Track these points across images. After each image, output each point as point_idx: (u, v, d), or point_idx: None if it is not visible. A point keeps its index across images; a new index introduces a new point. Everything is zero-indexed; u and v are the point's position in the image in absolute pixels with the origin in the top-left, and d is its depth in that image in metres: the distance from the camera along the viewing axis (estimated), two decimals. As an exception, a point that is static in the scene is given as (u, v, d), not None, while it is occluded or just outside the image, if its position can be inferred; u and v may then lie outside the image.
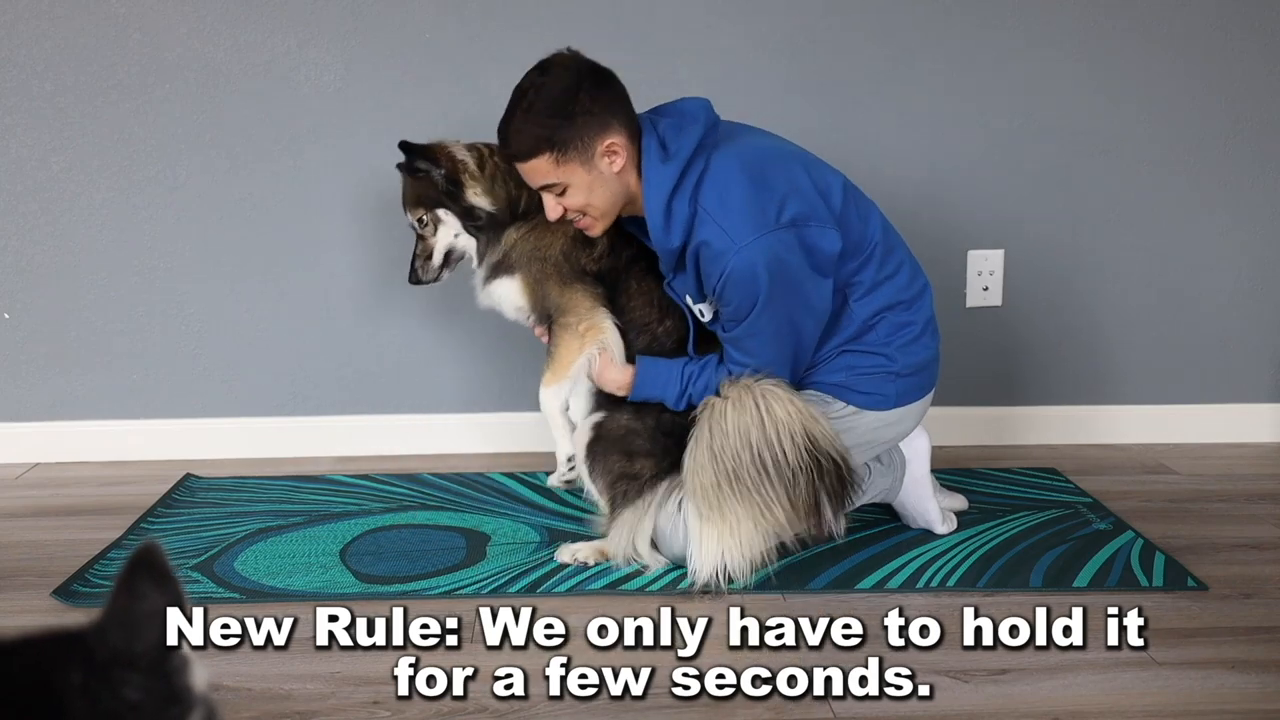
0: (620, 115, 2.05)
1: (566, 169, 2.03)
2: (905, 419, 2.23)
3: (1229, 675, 1.76)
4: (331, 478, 2.73)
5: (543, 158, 2.02)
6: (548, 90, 2.01)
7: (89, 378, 2.88)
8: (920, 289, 2.21)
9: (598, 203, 2.08)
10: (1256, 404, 3.01)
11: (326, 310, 2.87)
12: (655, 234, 2.06)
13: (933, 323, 2.24)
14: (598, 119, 2.01)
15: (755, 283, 1.98)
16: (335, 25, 2.74)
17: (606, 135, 2.02)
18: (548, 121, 1.99)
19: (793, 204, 2.01)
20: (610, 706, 1.67)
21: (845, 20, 2.79)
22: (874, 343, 2.16)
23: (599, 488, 2.22)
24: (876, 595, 2.06)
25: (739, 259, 1.97)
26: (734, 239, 1.97)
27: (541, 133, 2.00)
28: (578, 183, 2.04)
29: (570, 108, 1.99)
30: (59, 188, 2.79)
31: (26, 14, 2.70)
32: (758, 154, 2.07)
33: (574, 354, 2.23)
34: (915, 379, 2.20)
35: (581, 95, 2.00)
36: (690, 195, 2.02)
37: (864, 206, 2.16)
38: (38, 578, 2.14)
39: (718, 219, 1.99)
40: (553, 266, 2.24)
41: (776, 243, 1.98)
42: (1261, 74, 2.85)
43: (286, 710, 1.67)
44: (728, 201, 2.00)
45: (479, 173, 2.23)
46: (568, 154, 2.01)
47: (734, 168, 2.02)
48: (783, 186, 2.02)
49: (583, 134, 2.01)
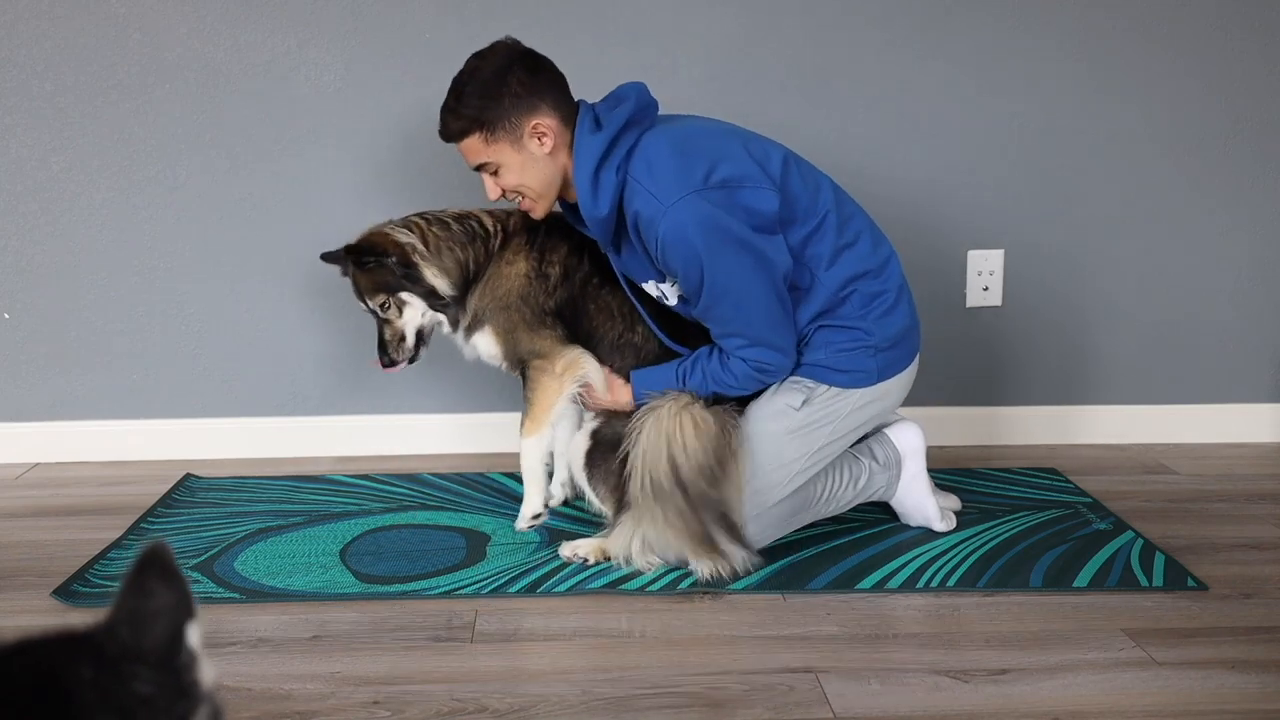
0: (550, 99, 2.12)
1: (496, 148, 2.11)
2: (890, 392, 2.24)
3: (1229, 675, 1.76)
4: (331, 478, 2.73)
5: (473, 137, 2.12)
6: (480, 74, 2.11)
7: (89, 378, 2.88)
8: (885, 257, 2.22)
9: (531, 183, 2.15)
10: (1256, 404, 3.01)
11: (326, 310, 2.87)
12: (583, 203, 2.10)
13: (905, 290, 2.24)
14: (525, 101, 2.09)
15: (690, 243, 2.00)
16: (335, 25, 2.74)
17: (534, 116, 2.10)
18: (478, 104, 2.09)
19: (723, 168, 2.04)
20: (610, 706, 1.67)
21: (845, 20, 2.79)
22: (849, 316, 2.16)
23: (601, 494, 2.23)
24: (876, 595, 2.06)
25: (668, 221, 2.00)
26: (661, 200, 2.01)
27: (472, 113, 2.10)
28: (509, 162, 2.13)
29: (499, 89, 2.09)
30: (59, 188, 2.79)
31: (26, 14, 2.70)
32: (689, 131, 2.13)
33: (552, 398, 2.28)
34: (895, 351, 2.21)
35: (510, 79, 2.09)
36: (618, 165, 2.07)
37: (811, 175, 2.18)
38: (38, 578, 2.14)
39: (646, 185, 2.04)
40: (516, 313, 2.29)
41: (704, 201, 2.00)
42: (1261, 74, 2.86)
43: (286, 710, 1.67)
44: (655, 169, 2.04)
45: (427, 251, 2.27)
46: (496, 134, 2.10)
47: (663, 142, 2.08)
48: (712, 154, 2.06)
49: (510, 115, 2.09)
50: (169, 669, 0.72)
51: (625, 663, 1.81)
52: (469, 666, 1.80)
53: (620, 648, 1.87)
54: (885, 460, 2.31)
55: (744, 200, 2.03)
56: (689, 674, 1.77)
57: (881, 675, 1.76)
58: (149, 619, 0.72)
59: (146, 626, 0.72)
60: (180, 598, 0.74)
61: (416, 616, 1.98)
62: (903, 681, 1.74)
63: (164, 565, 0.74)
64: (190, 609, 0.74)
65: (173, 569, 0.74)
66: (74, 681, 0.69)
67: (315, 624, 1.95)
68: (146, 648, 0.72)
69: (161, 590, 0.73)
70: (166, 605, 0.73)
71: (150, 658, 0.72)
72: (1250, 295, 2.96)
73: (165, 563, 0.74)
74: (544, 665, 1.81)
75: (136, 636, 0.72)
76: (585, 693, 1.71)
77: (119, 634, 0.72)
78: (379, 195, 2.80)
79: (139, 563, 0.74)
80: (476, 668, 1.79)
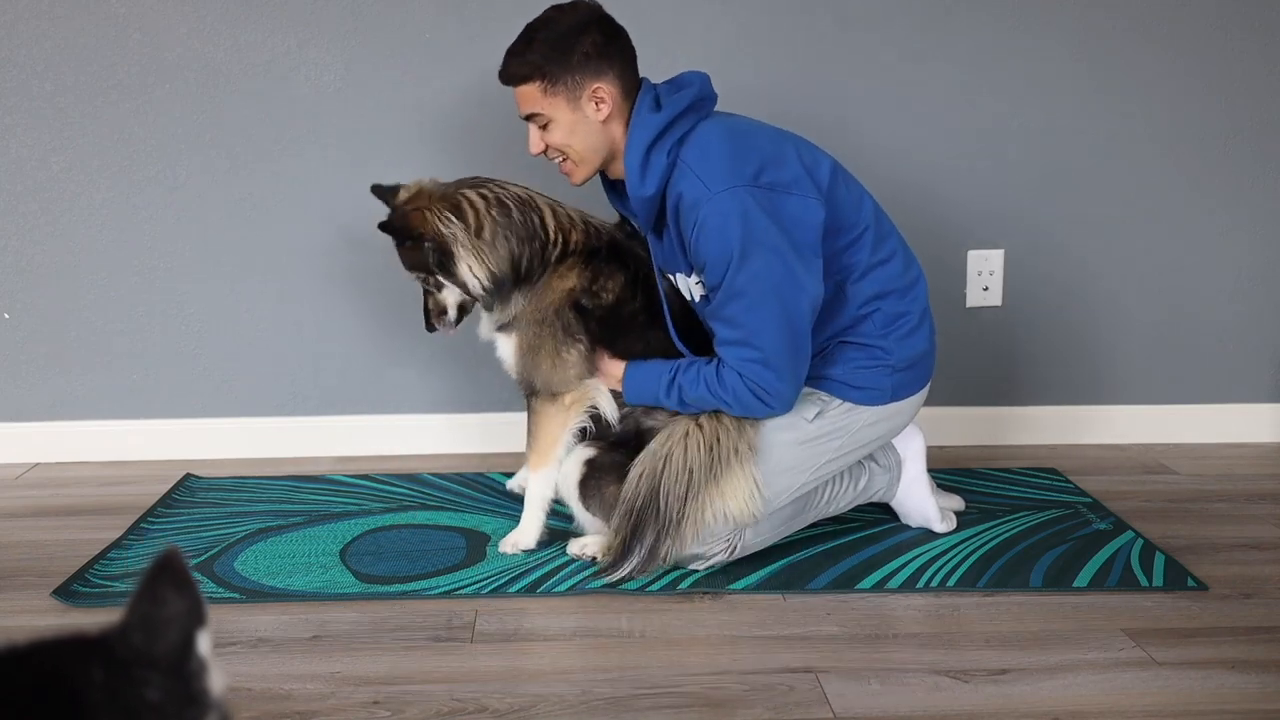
0: (617, 68, 2.09)
1: (551, 102, 2.08)
2: (900, 414, 2.23)
3: (1229, 675, 1.76)
4: (331, 478, 2.73)
5: (532, 85, 2.08)
6: (557, 25, 2.07)
7: (89, 378, 2.88)
8: (914, 279, 2.21)
9: (577, 145, 2.12)
10: (1256, 404, 3.01)
11: (326, 310, 2.87)
12: (631, 180, 2.08)
13: (928, 314, 2.24)
14: (594, 64, 2.06)
15: (725, 233, 1.97)
16: (335, 25, 2.74)
17: (598, 81, 2.07)
18: (546, 53, 2.05)
19: (773, 170, 2.03)
20: (610, 706, 1.67)
21: (845, 20, 2.79)
22: (869, 334, 2.15)
23: (597, 520, 2.18)
24: (876, 595, 2.06)
25: (710, 207, 1.98)
26: (709, 186, 1.99)
27: (537, 61, 2.06)
28: (560, 119, 2.09)
29: (571, 45, 2.05)
30: (59, 188, 2.79)
31: (26, 14, 2.70)
32: (745, 128, 2.11)
33: (557, 432, 2.19)
34: (911, 373, 2.20)
35: (585, 38, 2.06)
36: (670, 148, 2.05)
37: (855, 189, 2.18)
38: (38, 578, 2.14)
39: (696, 170, 2.02)
40: (548, 329, 2.16)
41: (750, 197, 1.98)
42: (1261, 74, 2.86)
43: (286, 710, 1.67)
44: (708, 156, 2.03)
45: (473, 240, 2.12)
46: (555, 87, 2.07)
47: (718, 132, 2.07)
48: (765, 153, 2.04)
49: (574, 73, 2.06)
50: (179, 676, 0.73)
51: (625, 663, 1.81)
52: (469, 666, 1.80)
53: (620, 648, 1.87)
54: (886, 462, 2.31)
55: (789, 208, 2.00)
56: (689, 674, 1.77)
57: (881, 675, 1.76)
58: (161, 625, 0.73)
59: (158, 633, 0.73)
60: (192, 605, 0.75)
61: (416, 616, 1.98)
62: (903, 681, 1.74)
63: (177, 572, 0.75)
64: (202, 617, 0.75)
65: (186, 576, 0.75)
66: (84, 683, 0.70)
67: (315, 624, 1.95)
68: (158, 654, 0.73)
69: (174, 598, 0.74)
70: (178, 612, 0.74)
71: (161, 664, 0.72)
72: (1250, 295, 2.96)
73: (178, 570, 0.75)
74: (544, 665, 1.81)
75: (148, 642, 0.73)
76: (585, 693, 1.71)
77: (131, 639, 0.73)
78: (379, 195, 2.81)
79: (152, 569, 0.75)
80: (476, 668, 1.79)
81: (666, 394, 2.12)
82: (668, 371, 2.12)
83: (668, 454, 2.06)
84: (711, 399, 2.07)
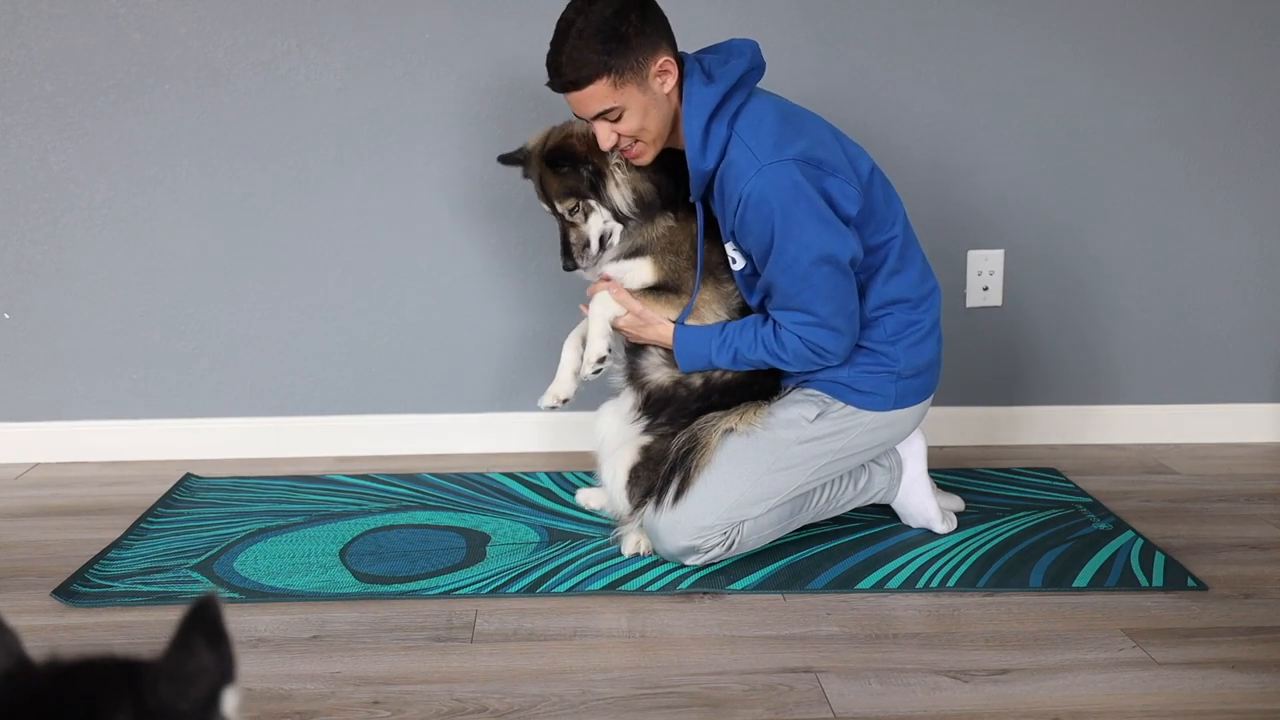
0: (665, 34, 2.09)
1: (624, 92, 2.04)
2: (902, 421, 2.23)
3: (1229, 675, 1.76)
4: (331, 478, 2.73)
5: (601, 82, 2.02)
6: (596, 16, 2.01)
7: (89, 378, 2.88)
8: (929, 290, 2.24)
9: (651, 125, 2.09)
10: (1256, 404, 3.01)
11: (326, 310, 2.87)
12: (691, 154, 2.09)
13: (938, 327, 2.26)
14: (649, 40, 2.04)
15: (771, 204, 2.00)
16: (335, 25, 2.74)
17: (659, 54, 2.05)
18: (603, 46, 2.00)
19: (820, 150, 2.06)
20: (610, 706, 1.67)
21: (845, 19, 2.79)
22: (878, 339, 2.18)
23: (633, 507, 2.25)
24: (876, 595, 2.06)
25: (760, 179, 2.00)
26: (759, 157, 2.01)
27: (598, 58, 2.00)
28: (635, 105, 2.05)
29: (622, 29, 2.01)
30: (59, 188, 2.79)
31: (26, 14, 2.70)
32: (795, 108, 2.14)
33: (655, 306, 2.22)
34: (915, 381, 2.21)
35: (629, 18, 2.02)
36: (728, 120, 2.06)
37: (890, 194, 2.21)
38: (38, 578, 2.14)
39: (748, 141, 2.04)
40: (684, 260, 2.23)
41: (798, 170, 2.01)
42: (1262, 75, 2.85)
43: (286, 710, 1.67)
44: (761, 128, 2.05)
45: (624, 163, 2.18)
46: (625, 76, 2.02)
47: (771, 106, 2.09)
48: (813, 135, 2.08)
49: (637, 55, 2.02)
50: None
51: (625, 663, 1.81)
52: (469, 666, 1.80)
53: (620, 648, 1.87)
54: (887, 462, 2.32)
55: (831, 188, 2.05)
56: (689, 674, 1.77)
57: (881, 675, 1.76)
58: (190, 679, 0.75)
59: (187, 686, 0.75)
60: (222, 661, 0.76)
61: (416, 616, 1.98)
62: (903, 681, 1.74)
63: (212, 623, 0.76)
64: (230, 674, 0.77)
65: (220, 629, 0.77)
66: None
67: (315, 624, 1.95)
68: (182, 709, 0.74)
69: (204, 651, 0.76)
70: (207, 667, 0.76)
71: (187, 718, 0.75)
72: (1250, 296, 2.96)
73: (213, 620, 0.77)
74: (544, 665, 1.81)
75: (174, 695, 0.74)
76: (585, 693, 1.71)
77: (160, 689, 0.74)
78: (380, 195, 2.81)
79: (189, 616, 0.76)
80: (476, 668, 1.79)
81: (719, 353, 2.17)
82: (717, 333, 2.17)
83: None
84: (770, 359, 2.14)
